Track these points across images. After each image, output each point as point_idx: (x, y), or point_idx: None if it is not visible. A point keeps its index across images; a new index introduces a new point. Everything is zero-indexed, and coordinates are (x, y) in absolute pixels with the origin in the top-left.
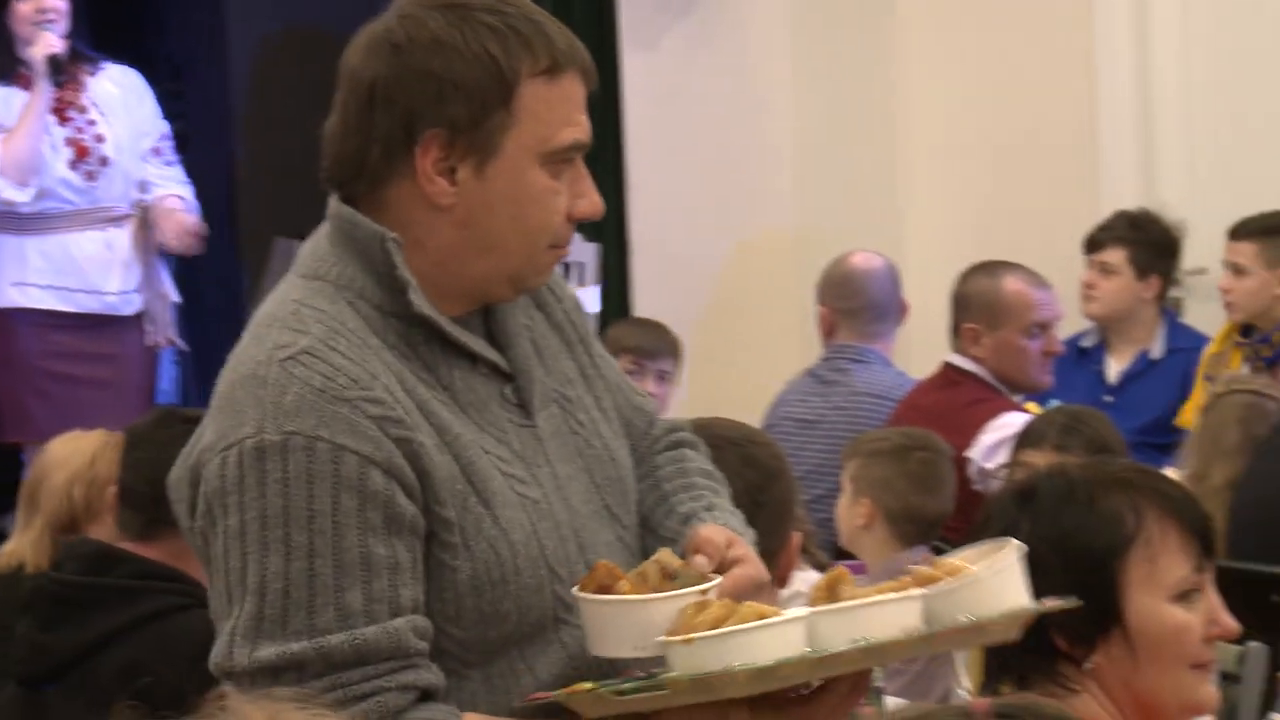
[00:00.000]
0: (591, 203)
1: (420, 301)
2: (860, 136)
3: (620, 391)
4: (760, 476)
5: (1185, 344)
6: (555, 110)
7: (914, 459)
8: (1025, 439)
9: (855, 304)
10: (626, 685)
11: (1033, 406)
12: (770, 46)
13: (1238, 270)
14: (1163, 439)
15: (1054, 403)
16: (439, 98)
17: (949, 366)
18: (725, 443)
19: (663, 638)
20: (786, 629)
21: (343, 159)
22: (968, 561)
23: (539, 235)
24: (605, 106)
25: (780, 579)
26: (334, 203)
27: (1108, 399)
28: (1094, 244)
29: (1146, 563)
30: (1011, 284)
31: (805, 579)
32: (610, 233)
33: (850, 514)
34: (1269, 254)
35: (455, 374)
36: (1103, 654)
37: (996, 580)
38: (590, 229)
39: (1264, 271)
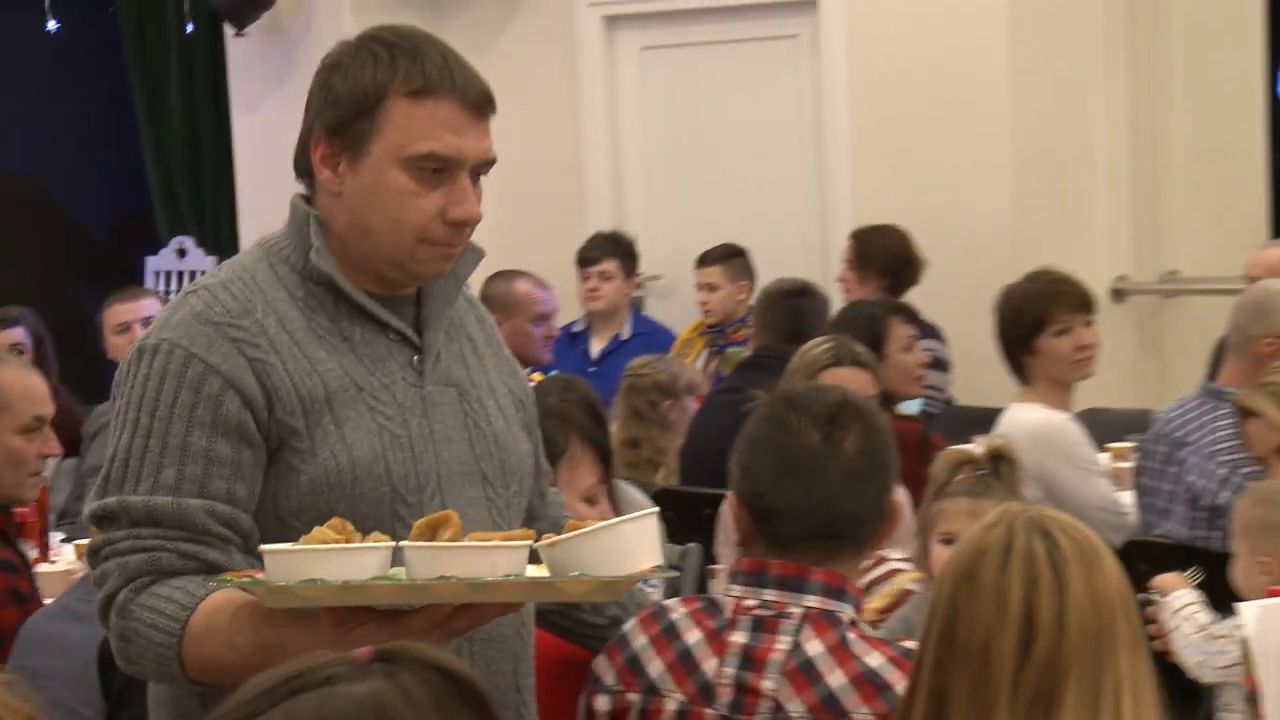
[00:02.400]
0: (465, 210)
1: (320, 261)
2: None
3: (540, 446)
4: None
5: (645, 329)
6: (416, 125)
7: None
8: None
9: None
10: (246, 581)
11: (537, 376)
12: None
13: (711, 288)
14: None
15: (554, 372)
16: (323, 106)
17: None
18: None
19: (266, 547)
20: (363, 555)
21: (296, 157)
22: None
23: (403, 228)
24: (219, 160)
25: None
26: (295, 194)
27: (591, 370)
28: (591, 259)
29: (569, 471)
30: (522, 285)
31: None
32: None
33: None
34: (730, 272)
35: (356, 330)
36: None
37: (609, 539)
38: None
39: (729, 285)
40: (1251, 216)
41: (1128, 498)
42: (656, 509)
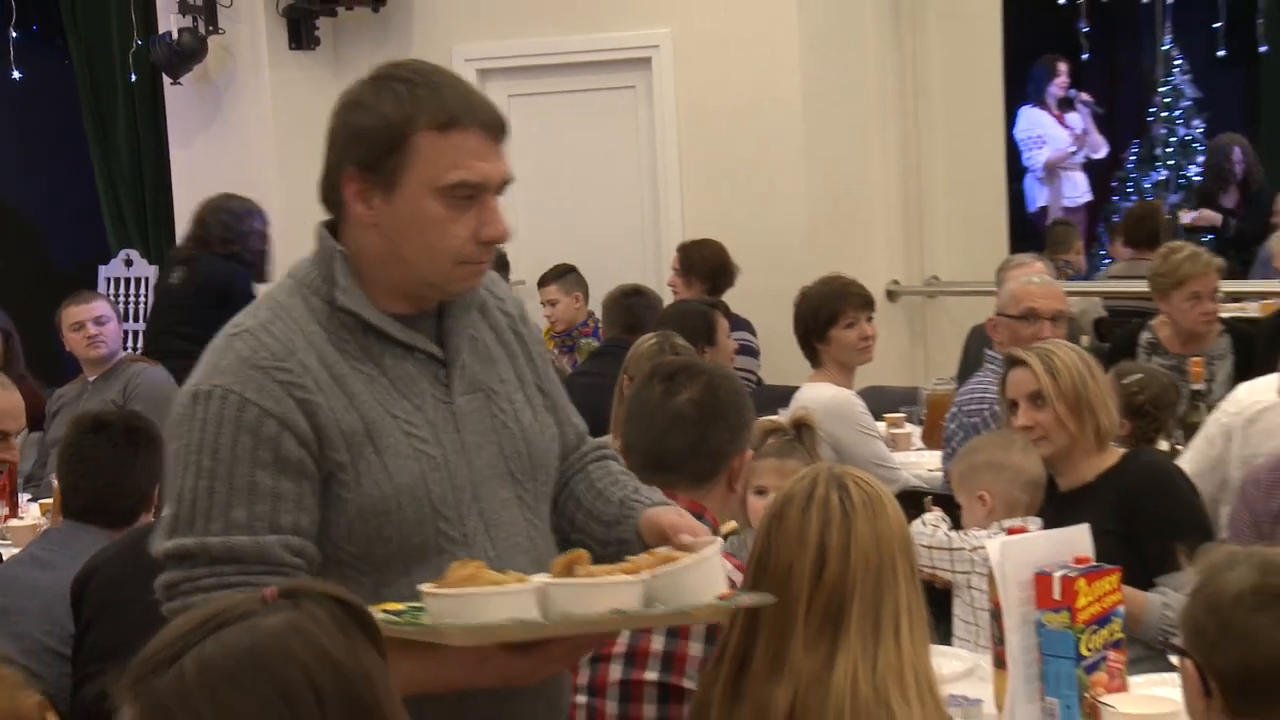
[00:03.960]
0: (495, 229)
1: (345, 299)
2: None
3: (562, 410)
4: None
5: None
6: (445, 156)
7: None
8: None
9: None
10: (397, 618)
11: None
12: (259, 141)
13: (552, 303)
14: None
15: None
16: (350, 143)
17: None
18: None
19: (426, 587)
20: (518, 596)
21: (322, 189)
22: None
23: (443, 253)
24: (159, 186)
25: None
26: (320, 223)
27: None
28: None
29: None
30: None
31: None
32: None
33: None
34: (565, 287)
35: (387, 357)
36: None
37: (700, 570)
38: None
39: (565, 298)
40: (995, 232)
41: (900, 457)
42: (718, 540)
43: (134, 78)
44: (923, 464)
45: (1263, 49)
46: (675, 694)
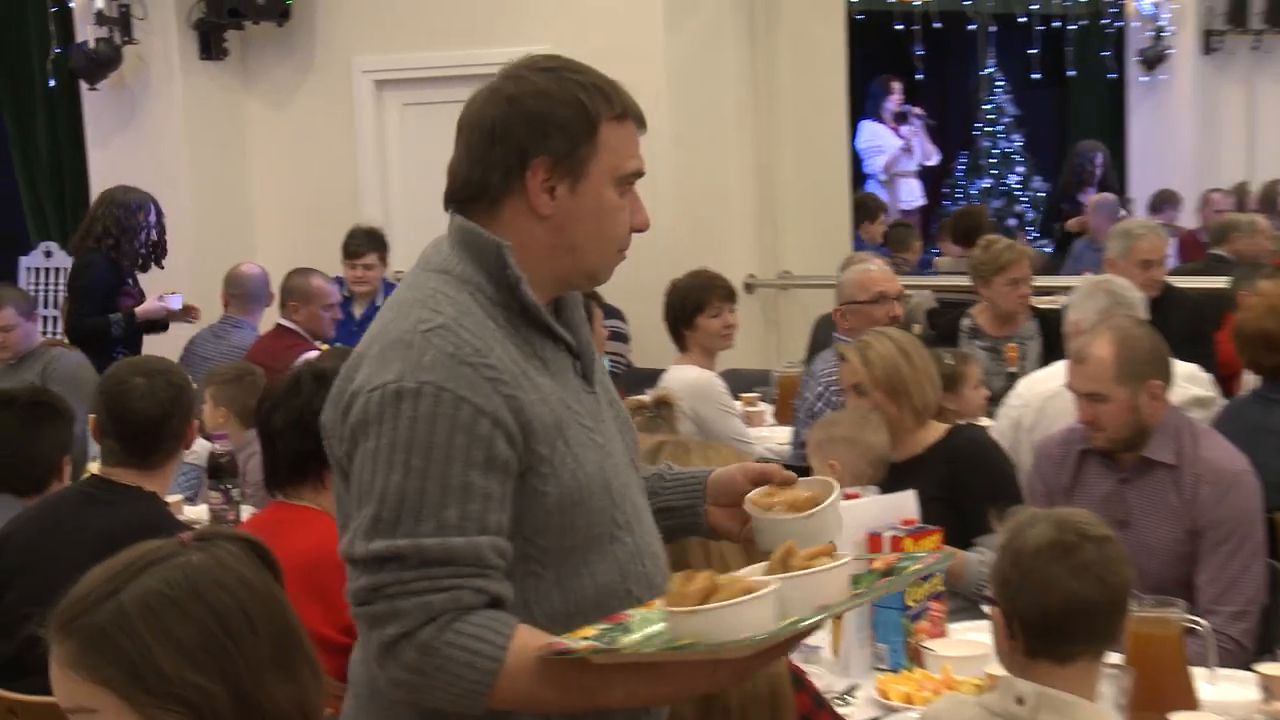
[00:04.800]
0: (644, 217)
1: (528, 292)
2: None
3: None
4: None
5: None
6: (623, 145)
7: (245, 381)
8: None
9: (240, 291)
10: (599, 642)
11: (324, 346)
12: (171, 143)
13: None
14: None
15: (337, 344)
16: (544, 133)
17: (280, 326)
18: None
19: (671, 607)
20: (766, 602)
21: (469, 183)
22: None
23: (612, 242)
24: (78, 184)
25: None
26: (455, 217)
27: (355, 330)
28: (356, 253)
29: None
30: (316, 280)
31: None
32: None
33: (211, 417)
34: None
35: (546, 350)
36: None
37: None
38: None
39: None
40: (838, 231)
41: (754, 432)
42: (837, 486)
43: (53, 83)
44: (774, 438)
45: (1071, 73)
46: None
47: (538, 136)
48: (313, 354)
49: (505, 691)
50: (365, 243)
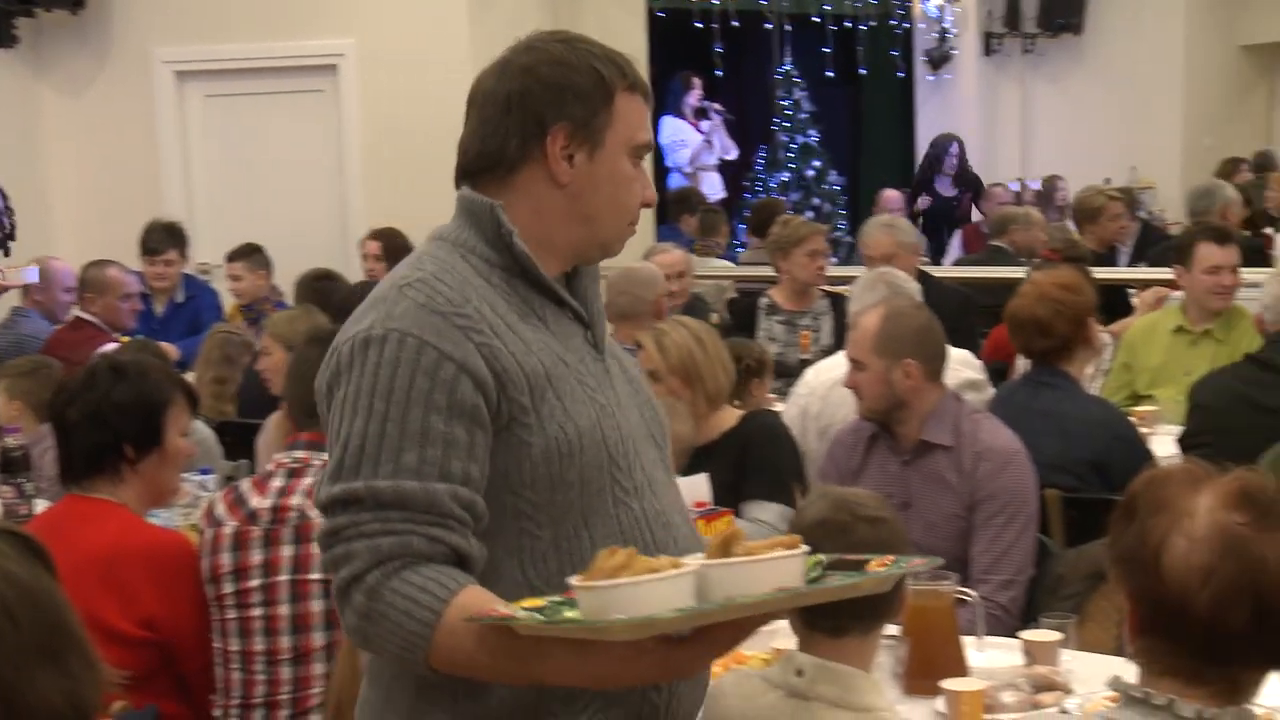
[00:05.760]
0: (652, 192)
1: (520, 244)
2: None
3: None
4: None
5: (195, 290)
6: (635, 116)
7: (41, 374)
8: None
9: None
10: (543, 616)
11: (124, 339)
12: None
13: (236, 278)
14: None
15: (140, 337)
16: (562, 101)
17: (78, 318)
18: None
19: (576, 580)
20: (675, 584)
21: (482, 154)
22: None
23: (625, 212)
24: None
25: None
26: (460, 190)
27: (155, 326)
28: (155, 250)
29: (179, 413)
30: (112, 271)
31: None
32: None
33: (4, 410)
34: (250, 265)
35: (547, 311)
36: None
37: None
38: None
39: (250, 275)
40: (642, 222)
41: None
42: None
43: None
44: None
45: (862, 71)
46: None
47: (556, 103)
48: (111, 346)
49: (444, 650)
50: (164, 239)
